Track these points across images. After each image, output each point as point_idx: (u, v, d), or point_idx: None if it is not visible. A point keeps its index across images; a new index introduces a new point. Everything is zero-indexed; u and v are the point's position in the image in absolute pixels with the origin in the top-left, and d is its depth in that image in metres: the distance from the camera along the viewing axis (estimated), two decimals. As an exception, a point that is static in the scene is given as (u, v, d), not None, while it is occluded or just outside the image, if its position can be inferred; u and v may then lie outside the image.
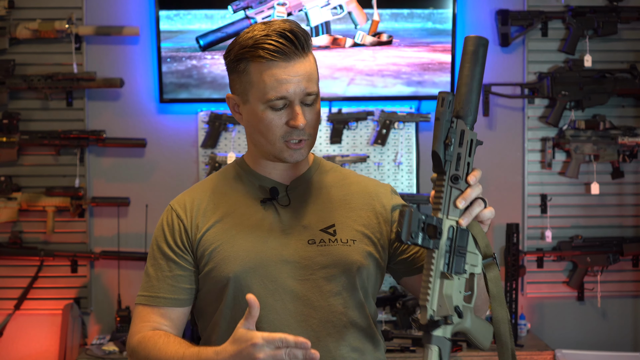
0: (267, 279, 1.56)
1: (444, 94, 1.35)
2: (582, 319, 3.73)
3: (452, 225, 1.37)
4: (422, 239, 1.32)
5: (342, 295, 1.59)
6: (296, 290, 1.57)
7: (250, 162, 1.67)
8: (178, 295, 1.61)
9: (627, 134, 3.59)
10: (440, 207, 1.36)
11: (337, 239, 1.60)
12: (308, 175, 1.67)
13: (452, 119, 1.36)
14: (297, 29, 1.55)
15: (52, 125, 3.52)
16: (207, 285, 1.60)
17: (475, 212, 1.38)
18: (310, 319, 1.57)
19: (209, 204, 1.63)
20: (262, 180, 1.64)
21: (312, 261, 1.58)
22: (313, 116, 1.59)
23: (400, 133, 3.61)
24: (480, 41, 1.39)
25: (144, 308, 1.62)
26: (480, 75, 1.39)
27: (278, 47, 1.52)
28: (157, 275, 1.62)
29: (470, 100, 1.38)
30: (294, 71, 1.54)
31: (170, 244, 1.61)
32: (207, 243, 1.59)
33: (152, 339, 1.56)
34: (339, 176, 1.71)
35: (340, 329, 1.58)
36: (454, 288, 1.36)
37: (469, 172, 1.38)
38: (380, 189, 1.70)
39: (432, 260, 1.35)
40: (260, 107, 1.56)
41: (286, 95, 1.54)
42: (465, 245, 1.37)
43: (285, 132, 1.56)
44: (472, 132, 1.38)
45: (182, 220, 1.61)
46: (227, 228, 1.59)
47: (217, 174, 1.71)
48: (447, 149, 1.35)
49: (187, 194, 1.67)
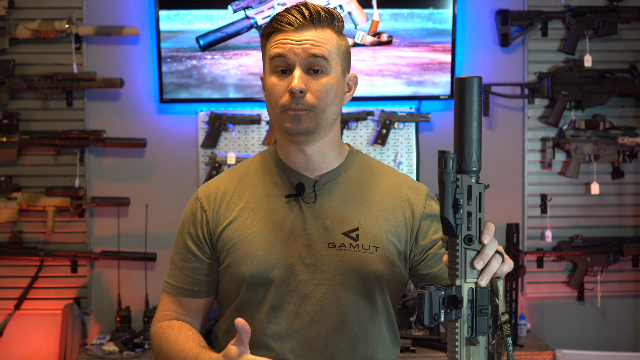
0: (282, 280, 1.54)
1: (445, 154, 1.26)
2: (582, 319, 3.73)
3: (471, 287, 1.30)
4: (444, 316, 1.27)
5: (357, 304, 1.55)
6: (310, 295, 1.54)
7: (279, 149, 1.63)
8: (196, 287, 1.62)
9: (627, 134, 3.59)
10: (456, 272, 1.29)
11: (358, 245, 1.55)
12: (339, 171, 1.61)
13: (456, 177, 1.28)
14: (318, 6, 1.55)
15: (52, 125, 3.52)
16: (225, 279, 1.60)
17: (494, 269, 1.30)
18: (320, 325, 1.54)
19: (234, 194, 1.61)
20: (290, 173, 1.60)
21: (329, 266, 1.54)
22: (318, 86, 1.52)
23: (400, 133, 3.61)
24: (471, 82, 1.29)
25: (166, 295, 1.65)
26: (478, 116, 1.30)
27: (289, 18, 1.53)
28: (179, 263, 1.63)
29: (471, 151, 1.29)
30: (300, 37, 1.53)
31: (192, 234, 1.61)
32: (227, 238, 1.57)
33: (166, 330, 1.59)
34: (373, 173, 1.64)
35: (350, 337, 1.55)
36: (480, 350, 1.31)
37: (481, 229, 1.29)
38: (414, 194, 1.63)
39: (455, 330, 1.29)
40: (269, 73, 1.56)
41: (285, 53, 1.51)
42: (486, 303, 1.30)
43: (286, 100, 1.52)
44: (480, 184, 1.29)
45: (205, 212, 1.60)
46: (248, 224, 1.57)
47: (246, 163, 1.68)
48: (457, 211, 1.28)
49: (215, 181, 1.65)
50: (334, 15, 1.56)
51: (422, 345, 3.30)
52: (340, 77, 1.57)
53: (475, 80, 1.29)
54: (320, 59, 1.52)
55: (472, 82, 1.29)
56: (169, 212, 3.57)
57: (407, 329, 3.44)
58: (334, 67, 1.55)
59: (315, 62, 1.52)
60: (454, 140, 1.30)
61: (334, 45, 1.55)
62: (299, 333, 1.54)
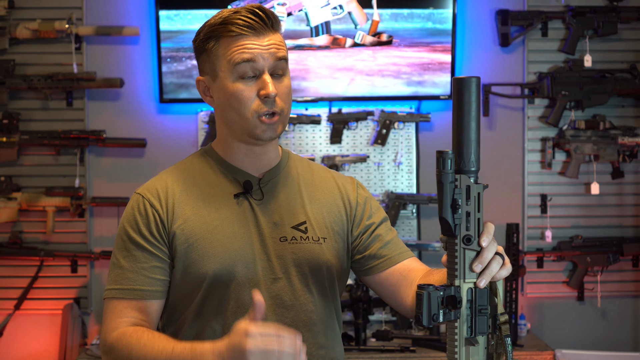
0: (244, 277, 1.54)
1: (443, 154, 1.26)
2: (582, 319, 3.73)
3: (470, 287, 1.30)
4: (443, 316, 1.27)
5: (313, 294, 1.59)
6: (270, 288, 1.56)
7: (221, 150, 1.63)
8: (156, 287, 1.54)
9: (627, 134, 3.59)
10: (455, 272, 1.29)
11: (308, 237, 1.59)
12: (279, 168, 1.64)
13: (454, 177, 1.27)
14: (266, 9, 1.56)
15: (52, 125, 3.52)
16: (181, 280, 1.55)
17: (494, 271, 1.30)
18: (283, 318, 1.56)
19: (182, 194, 1.58)
20: (234, 172, 1.61)
21: (284, 259, 1.57)
22: (284, 89, 1.55)
23: (400, 133, 3.61)
24: (469, 82, 1.29)
25: (119, 302, 1.53)
26: (477, 116, 1.29)
27: (248, 21, 1.52)
28: (131, 266, 1.53)
29: (470, 151, 1.29)
30: (264, 41, 1.53)
31: (144, 234, 1.54)
32: (183, 237, 1.54)
33: (134, 335, 1.47)
34: (307, 170, 1.69)
35: (310, 327, 1.58)
36: (479, 350, 1.31)
37: (480, 229, 1.29)
38: (347, 184, 1.69)
39: (455, 330, 1.29)
40: (231, 79, 1.54)
41: (254, 58, 1.52)
42: (486, 303, 1.30)
43: (258, 106, 1.53)
44: (478, 184, 1.29)
45: (157, 210, 1.55)
46: (203, 222, 1.55)
47: (185, 163, 1.66)
48: (455, 211, 1.27)
49: (156, 182, 1.61)
50: (277, 17, 1.58)
51: (422, 345, 3.30)
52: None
53: (473, 80, 1.29)
54: (283, 61, 1.55)
55: (471, 82, 1.29)
56: (169, 212, 3.57)
57: (407, 329, 3.44)
58: (288, 69, 1.59)
59: (280, 66, 1.55)
60: (453, 140, 1.30)
61: (285, 47, 1.58)
62: None
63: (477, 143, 1.29)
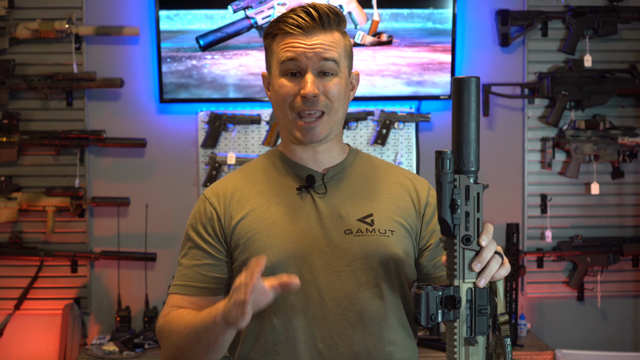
0: (304, 269, 1.54)
1: (442, 154, 1.27)
2: (582, 319, 3.73)
3: (470, 287, 1.30)
4: (442, 316, 1.27)
5: (380, 287, 1.56)
6: (333, 282, 1.54)
7: (284, 149, 1.65)
8: (208, 284, 1.59)
9: (627, 134, 3.59)
10: (455, 272, 1.29)
11: (374, 229, 1.57)
12: (345, 164, 1.64)
13: (453, 177, 1.28)
14: (324, 7, 1.56)
15: (52, 125, 3.52)
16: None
17: (493, 271, 1.30)
18: (347, 312, 1.54)
19: (243, 192, 1.61)
20: (297, 168, 1.62)
21: (349, 252, 1.55)
22: (332, 87, 1.56)
23: (400, 133, 3.61)
24: (469, 82, 1.29)
25: (174, 296, 1.61)
26: (476, 116, 1.30)
27: (298, 21, 1.54)
28: (188, 263, 1.60)
29: (469, 151, 1.29)
30: (311, 41, 1.54)
31: (201, 232, 1.60)
32: (242, 232, 1.56)
33: (177, 312, 1.56)
34: (377, 166, 1.68)
35: (378, 321, 1.55)
36: (479, 350, 1.31)
37: (479, 229, 1.30)
38: (419, 183, 1.67)
39: (454, 330, 1.30)
40: (278, 76, 1.56)
41: (297, 57, 1.53)
42: (485, 303, 1.31)
43: (298, 104, 1.55)
44: (478, 184, 1.30)
45: (216, 209, 1.59)
46: (262, 217, 1.57)
47: (251, 163, 1.69)
48: (454, 212, 1.28)
49: (220, 182, 1.65)
50: (340, 16, 1.58)
51: (422, 345, 3.29)
52: (348, 78, 1.62)
53: (473, 80, 1.29)
54: (332, 62, 1.55)
55: (470, 82, 1.29)
56: (169, 212, 3.57)
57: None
58: (342, 69, 1.59)
59: (327, 66, 1.55)
60: (452, 140, 1.31)
61: (342, 47, 1.58)
62: (327, 321, 1.53)
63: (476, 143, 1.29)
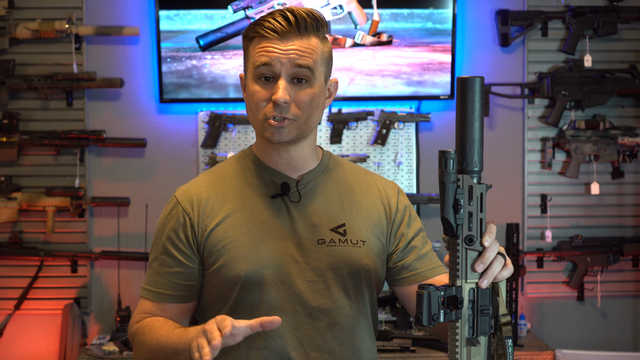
0: (277, 279, 1.54)
1: (446, 154, 1.26)
2: (582, 319, 3.73)
3: (472, 287, 1.29)
4: (444, 316, 1.26)
5: (351, 298, 1.57)
6: (306, 291, 1.54)
7: (258, 151, 1.63)
8: (179, 292, 1.58)
9: (627, 134, 3.59)
10: (457, 272, 1.28)
11: (347, 240, 1.57)
12: (318, 170, 1.63)
13: (457, 177, 1.27)
14: (303, 11, 1.53)
15: (52, 125, 3.52)
16: (214, 282, 1.57)
17: (495, 271, 1.29)
18: (318, 321, 1.55)
19: (217, 197, 1.59)
20: (272, 174, 1.60)
21: (321, 262, 1.55)
22: (302, 97, 1.52)
23: (400, 133, 3.61)
24: (473, 82, 1.28)
25: (145, 301, 1.61)
26: (480, 116, 1.28)
27: (275, 25, 1.51)
28: (159, 270, 1.59)
29: (473, 151, 1.28)
30: (286, 46, 1.51)
31: (172, 238, 1.58)
32: (216, 240, 1.55)
33: (150, 322, 1.56)
34: (349, 172, 1.67)
35: (346, 330, 1.57)
36: (481, 350, 1.30)
37: (482, 229, 1.29)
38: (388, 189, 1.67)
39: (456, 330, 1.29)
40: (252, 79, 1.55)
41: (271, 62, 1.50)
42: (488, 304, 1.30)
43: (268, 109, 1.52)
44: (481, 185, 1.29)
45: (189, 215, 1.58)
46: (237, 224, 1.56)
47: (223, 166, 1.66)
48: (457, 212, 1.27)
49: (193, 187, 1.63)
50: (319, 21, 1.54)
51: (422, 345, 3.29)
52: (323, 86, 1.58)
53: (477, 80, 1.29)
54: (305, 69, 1.52)
55: (475, 82, 1.29)
56: (169, 212, 3.57)
57: (407, 329, 3.44)
58: (318, 77, 1.55)
59: (300, 72, 1.52)
60: (456, 140, 1.30)
61: (318, 54, 1.54)
62: (299, 330, 1.54)
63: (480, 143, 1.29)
